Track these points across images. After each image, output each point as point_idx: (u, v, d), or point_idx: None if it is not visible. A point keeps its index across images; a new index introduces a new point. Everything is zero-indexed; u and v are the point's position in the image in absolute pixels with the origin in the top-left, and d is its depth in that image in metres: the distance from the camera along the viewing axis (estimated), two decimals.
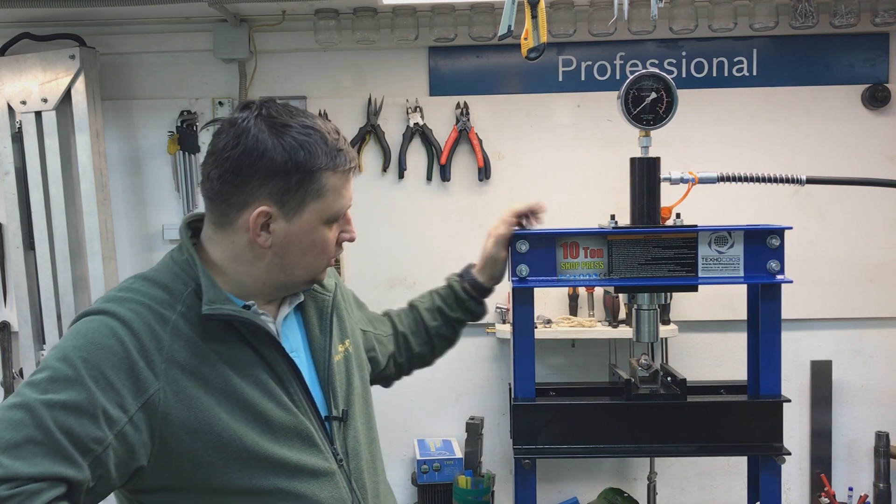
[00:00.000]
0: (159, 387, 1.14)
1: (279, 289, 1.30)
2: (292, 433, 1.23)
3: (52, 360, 1.12)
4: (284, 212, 1.21)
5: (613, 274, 1.71)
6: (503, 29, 1.76)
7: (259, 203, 1.19)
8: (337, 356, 1.35)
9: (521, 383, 1.77)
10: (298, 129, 1.20)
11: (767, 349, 1.74)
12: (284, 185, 1.19)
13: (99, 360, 1.11)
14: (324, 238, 1.26)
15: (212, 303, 1.18)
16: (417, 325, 1.70)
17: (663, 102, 1.74)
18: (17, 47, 2.72)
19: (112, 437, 1.09)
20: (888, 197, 2.74)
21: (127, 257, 2.85)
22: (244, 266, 1.25)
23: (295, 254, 1.24)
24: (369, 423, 1.40)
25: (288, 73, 2.84)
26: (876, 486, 2.74)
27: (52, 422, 1.05)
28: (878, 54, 2.76)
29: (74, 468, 1.05)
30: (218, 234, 1.25)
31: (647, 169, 1.75)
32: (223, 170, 1.19)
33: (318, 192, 1.21)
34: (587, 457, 2.42)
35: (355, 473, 1.31)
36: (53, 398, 1.06)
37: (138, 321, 1.15)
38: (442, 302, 1.71)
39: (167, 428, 1.14)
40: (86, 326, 1.15)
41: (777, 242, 1.69)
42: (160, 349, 1.15)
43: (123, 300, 1.18)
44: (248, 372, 1.21)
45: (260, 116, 1.20)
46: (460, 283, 1.71)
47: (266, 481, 1.19)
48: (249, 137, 1.18)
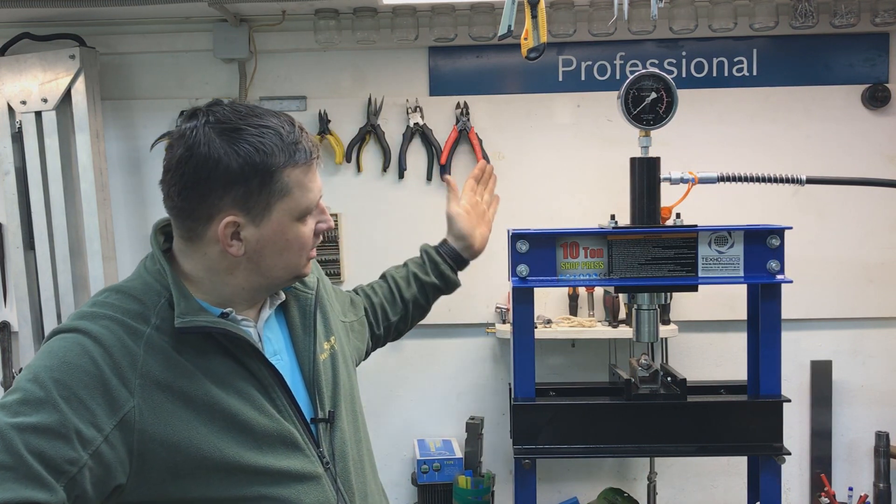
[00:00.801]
0: (134, 404, 1.11)
1: (261, 291, 1.28)
2: (276, 440, 1.21)
3: (24, 381, 1.10)
4: (252, 217, 1.17)
5: (613, 274, 1.71)
6: (503, 29, 1.76)
7: (224, 213, 1.16)
8: (323, 355, 1.34)
9: (521, 383, 1.77)
10: (250, 130, 1.15)
11: (767, 349, 1.74)
12: (246, 190, 1.15)
13: (71, 379, 1.08)
14: (298, 234, 1.23)
15: (184, 315, 1.15)
16: (393, 295, 1.71)
17: (663, 102, 1.74)
18: (17, 47, 2.72)
19: (87, 458, 1.07)
20: (888, 197, 2.74)
21: (127, 257, 2.85)
22: (220, 276, 1.22)
23: (271, 256, 1.22)
24: (356, 421, 1.38)
25: (288, 73, 2.84)
26: (876, 486, 2.74)
27: (22, 446, 1.03)
28: (878, 54, 2.76)
29: (46, 491, 1.03)
30: (189, 248, 1.22)
31: (647, 169, 1.75)
32: (181, 185, 1.16)
33: (283, 191, 1.18)
34: (587, 457, 2.42)
35: (342, 475, 1.30)
36: (24, 421, 1.05)
37: (111, 338, 1.13)
38: (417, 268, 1.72)
39: (145, 444, 1.12)
40: (57, 345, 1.13)
41: (777, 242, 1.69)
42: (134, 365, 1.13)
43: (95, 316, 1.16)
44: (228, 382, 1.19)
45: (208, 124, 1.15)
46: (435, 248, 1.74)
47: (249, 489, 1.18)
48: (201, 148, 1.14)
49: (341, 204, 2.75)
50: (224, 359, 1.20)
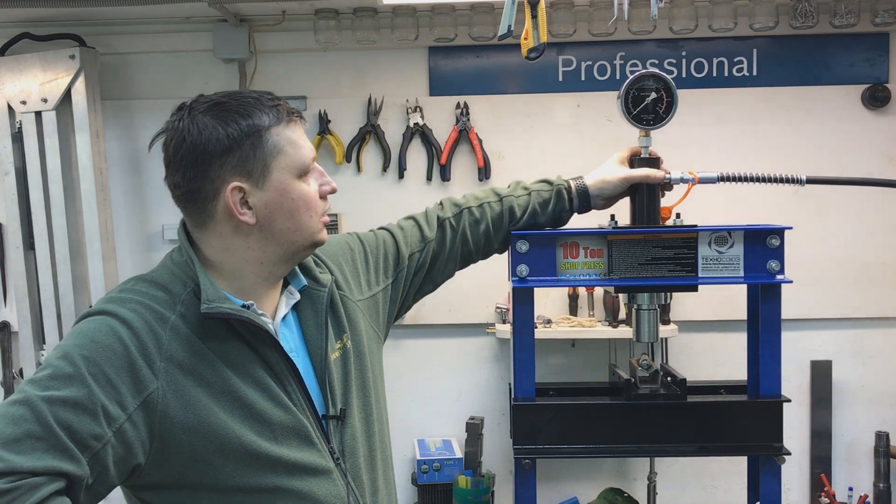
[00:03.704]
0: (158, 385, 1.15)
1: (280, 263, 1.29)
2: (290, 432, 1.23)
3: (54, 358, 1.13)
4: (254, 181, 1.22)
5: (613, 274, 1.71)
6: (503, 29, 1.76)
7: (227, 183, 1.21)
8: (334, 354, 1.35)
9: (521, 383, 1.76)
10: (231, 103, 1.23)
11: (767, 349, 1.74)
12: (241, 154, 1.21)
13: (99, 358, 1.12)
14: (303, 192, 1.26)
15: (210, 301, 1.19)
16: (502, 221, 1.67)
17: (663, 102, 1.74)
18: (17, 47, 2.73)
19: (111, 435, 1.10)
20: (888, 197, 2.74)
21: (127, 257, 2.85)
22: (239, 254, 1.25)
23: (283, 219, 1.25)
24: (369, 418, 1.39)
25: (288, 73, 2.84)
26: (876, 486, 2.74)
27: (52, 417, 1.06)
28: (878, 54, 2.76)
29: (74, 463, 1.06)
30: (204, 234, 1.26)
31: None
32: (184, 169, 1.22)
33: (276, 149, 1.23)
34: (587, 457, 2.41)
35: (352, 471, 1.31)
36: (54, 394, 1.08)
37: (138, 320, 1.16)
38: (539, 206, 1.69)
39: (165, 426, 1.15)
40: (87, 326, 1.16)
41: (777, 242, 1.68)
42: (159, 348, 1.16)
43: (123, 301, 1.19)
44: (246, 371, 1.22)
45: (193, 109, 1.24)
46: (570, 188, 1.70)
47: (264, 479, 1.20)
48: (192, 130, 1.21)
49: (341, 204, 2.75)
50: (244, 348, 1.22)
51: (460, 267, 1.67)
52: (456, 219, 1.64)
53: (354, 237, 1.55)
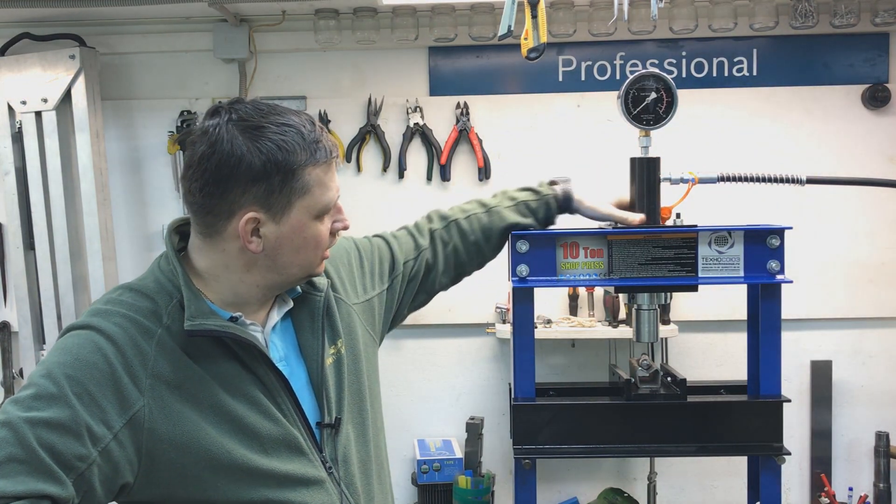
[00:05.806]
0: (144, 403, 1.12)
1: (274, 289, 1.28)
2: (280, 444, 1.21)
3: (37, 376, 1.11)
4: (272, 214, 1.19)
5: (613, 274, 1.71)
6: (503, 29, 1.76)
7: (245, 210, 1.17)
8: (328, 359, 1.33)
9: (521, 383, 1.76)
10: (272, 128, 1.16)
11: (767, 349, 1.74)
12: (267, 187, 1.16)
13: (83, 376, 1.09)
14: (316, 233, 1.24)
15: (194, 318, 1.16)
16: (491, 231, 1.66)
17: (663, 102, 1.73)
18: (17, 47, 2.73)
19: (96, 455, 1.08)
20: (888, 197, 2.74)
21: (127, 257, 2.85)
22: (236, 273, 1.23)
23: (288, 254, 1.22)
24: (363, 423, 1.38)
25: (288, 73, 2.84)
26: (876, 486, 2.74)
27: (35, 440, 1.04)
28: (878, 54, 2.76)
29: (58, 486, 1.04)
30: (206, 244, 1.22)
31: (647, 169, 1.75)
32: (203, 181, 1.16)
33: (303, 189, 1.19)
34: (587, 457, 2.42)
35: (346, 479, 1.30)
36: (36, 416, 1.06)
37: (123, 336, 1.14)
38: (530, 214, 1.68)
39: (153, 444, 1.13)
40: (71, 342, 1.14)
41: (777, 242, 1.68)
42: (145, 365, 1.14)
43: (109, 314, 1.17)
44: (235, 386, 1.19)
45: (231, 121, 1.16)
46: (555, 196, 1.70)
47: (256, 493, 1.19)
48: (224, 145, 1.14)
49: (341, 204, 2.74)
50: (232, 362, 1.20)
51: (454, 277, 1.66)
52: (446, 230, 1.65)
53: (351, 241, 1.54)
